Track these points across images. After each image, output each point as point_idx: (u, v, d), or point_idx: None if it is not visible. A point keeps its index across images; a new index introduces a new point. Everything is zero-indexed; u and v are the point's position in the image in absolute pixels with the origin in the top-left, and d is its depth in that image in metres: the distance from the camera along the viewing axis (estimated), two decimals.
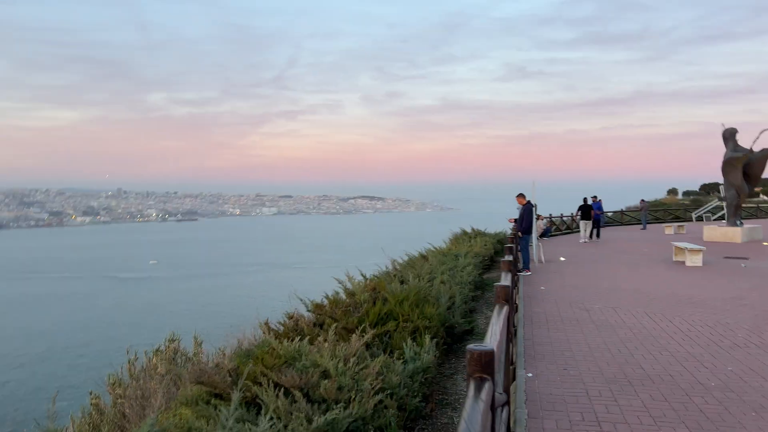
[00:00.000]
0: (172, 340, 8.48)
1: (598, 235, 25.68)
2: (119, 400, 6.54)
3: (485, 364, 2.72)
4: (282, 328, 7.34)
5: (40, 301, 51.28)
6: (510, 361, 5.43)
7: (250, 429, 3.29)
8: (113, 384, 6.68)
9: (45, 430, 4.89)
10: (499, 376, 3.76)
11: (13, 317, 42.71)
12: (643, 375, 5.97)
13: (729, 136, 23.55)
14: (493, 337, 3.41)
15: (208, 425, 3.90)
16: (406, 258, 13.45)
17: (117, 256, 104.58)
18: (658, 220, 38.60)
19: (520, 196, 15.35)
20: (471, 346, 2.83)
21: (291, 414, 4.12)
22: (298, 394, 4.35)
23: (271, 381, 4.55)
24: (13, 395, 22.42)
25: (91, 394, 6.55)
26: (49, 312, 44.80)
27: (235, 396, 3.52)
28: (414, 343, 6.17)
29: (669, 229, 29.10)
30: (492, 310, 10.87)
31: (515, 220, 15.99)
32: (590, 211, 24.74)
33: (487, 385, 2.61)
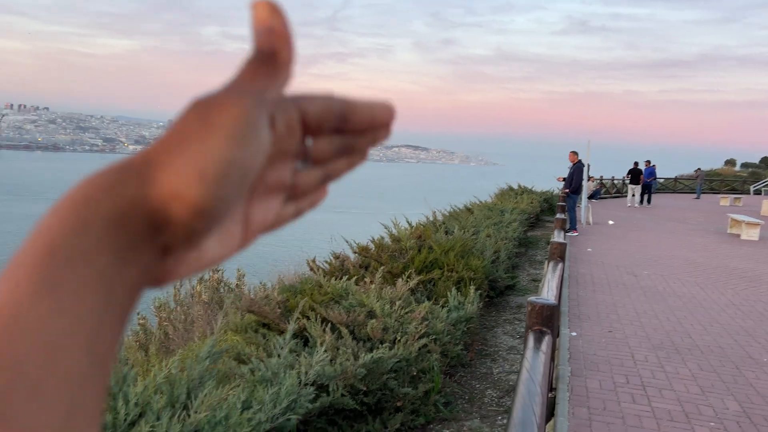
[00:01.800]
0: (215, 270, 8.74)
1: (649, 201, 24.92)
2: (164, 323, 6.83)
3: (546, 317, 2.68)
4: (328, 267, 7.43)
5: None
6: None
7: (305, 358, 3.36)
8: (159, 307, 6.98)
9: None
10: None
11: None
12: (692, 344, 5.85)
13: None
14: (550, 292, 3.36)
15: (257, 351, 4.02)
16: (449, 210, 13.35)
17: None
18: (713, 191, 37.17)
19: (573, 153, 14.88)
20: (532, 298, 2.79)
21: (338, 349, 4.20)
22: (344, 330, 4.41)
23: (319, 315, 4.63)
24: None
25: (138, 314, 6.85)
26: None
27: (291, 326, 3.58)
28: (458, 293, 6.17)
29: (725, 200, 28.01)
30: (535, 268, 10.79)
31: (564, 179, 15.58)
32: (640, 175, 23.92)
33: (546, 338, 2.58)
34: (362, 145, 0.32)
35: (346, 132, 0.30)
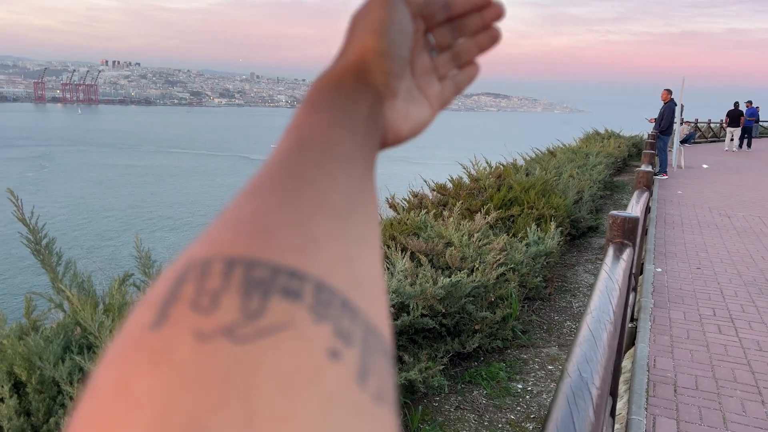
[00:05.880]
0: None
1: (749, 145, 23.18)
2: None
3: (628, 230, 2.66)
4: (407, 204, 7.55)
5: (186, 174, 56.32)
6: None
7: (388, 268, 3.51)
8: None
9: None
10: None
11: (164, 186, 47.42)
12: None
13: None
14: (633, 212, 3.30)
15: None
16: (531, 155, 13.01)
17: (248, 137, 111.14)
18: None
19: (666, 91, 14.02)
20: (613, 212, 2.77)
21: (417, 275, 4.34)
22: (423, 258, 4.54)
23: (399, 244, 4.77)
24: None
25: None
26: (193, 184, 49.25)
27: None
28: (538, 229, 6.14)
29: None
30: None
31: (654, 120, 14.76)
32: (740, 117, 22.08)
33: (628, 250, 2.57)
34: (472, 26, 0.42)
35: (454, 18, 0.41)
